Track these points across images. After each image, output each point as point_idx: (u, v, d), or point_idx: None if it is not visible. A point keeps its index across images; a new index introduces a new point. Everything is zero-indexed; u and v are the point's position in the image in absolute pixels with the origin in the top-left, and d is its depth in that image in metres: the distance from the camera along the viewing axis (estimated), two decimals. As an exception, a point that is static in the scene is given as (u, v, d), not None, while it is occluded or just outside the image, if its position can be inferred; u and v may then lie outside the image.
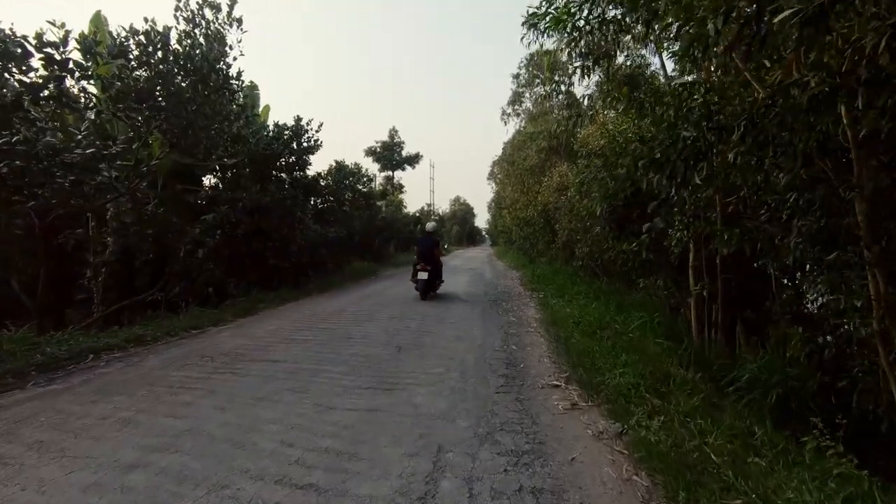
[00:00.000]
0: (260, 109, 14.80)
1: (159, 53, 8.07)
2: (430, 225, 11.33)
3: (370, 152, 33.49)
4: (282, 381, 4.36)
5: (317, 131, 12.25)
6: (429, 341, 6.06)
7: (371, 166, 34.60)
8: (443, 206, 70.94)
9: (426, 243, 10.44)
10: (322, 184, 17.04)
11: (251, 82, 14.74)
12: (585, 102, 12.23)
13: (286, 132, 11.69)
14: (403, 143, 34.15)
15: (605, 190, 7.97)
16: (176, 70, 8.43)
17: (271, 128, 12.01)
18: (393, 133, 33.52)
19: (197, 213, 10.79)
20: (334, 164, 18.43)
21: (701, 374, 4.66)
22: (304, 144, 12.04)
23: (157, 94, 8.23)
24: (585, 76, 7.60)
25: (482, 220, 75.06)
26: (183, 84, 8.71)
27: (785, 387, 4.43)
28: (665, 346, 5.39)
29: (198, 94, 9.05)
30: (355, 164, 20.99)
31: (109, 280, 9.33)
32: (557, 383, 4.43)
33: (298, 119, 11.98)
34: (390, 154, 33.41)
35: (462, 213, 70.79)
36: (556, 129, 21.54)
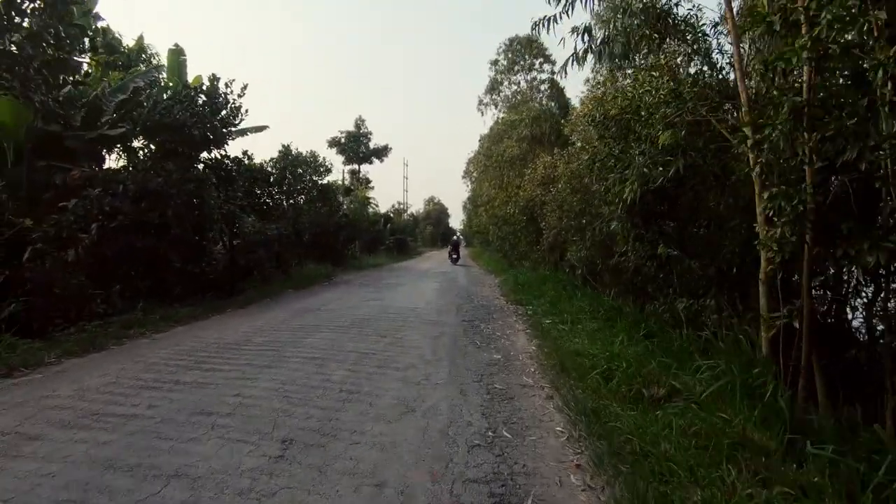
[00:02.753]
0: (190, 80, 11.79)
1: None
2: (455, 236, 22.00)
3: (334, 143, 30.37)
4: None
5: (239, 95, 9.42)
6: (349, 419, 3.38)
7: (335, 159, 31.65)
8: (417, 205, 68.21)
9: (455, 243, 23.92)
10: (261, 171, 14.17)
11: (176, 45, 11.77)
12: (589, 72, 9.80)
13: (195, 95, 8.79)
14: (371, 133, 31.23)
15: (637, 172, 5.44)
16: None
17: (175, 90, 9.09)
18: (359, 123, 30.57)
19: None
20: (281, 149, 15.53)
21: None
22: (222, 112, 9.17)
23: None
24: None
25: (457, 220, 72.64)
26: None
27: None
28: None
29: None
30: (311, 151, 18.13)
31: None
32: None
33: (213, 78, 9.11)
34: (356, 146, 30.39)
35: (436, 213, 68.11)
36: (541, 113, 19.24)
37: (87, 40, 8.35)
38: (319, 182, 19.05)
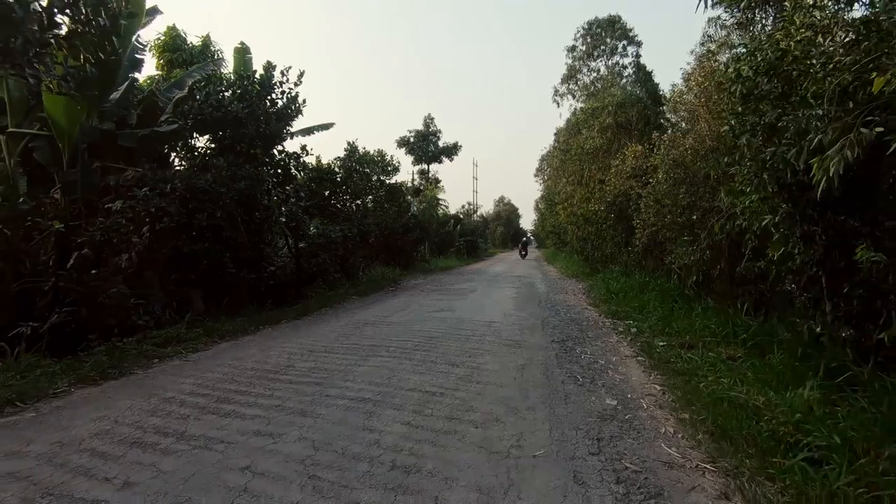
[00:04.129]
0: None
1: None
2: (525, 237, 40.43)
3: (403, 143, 29.69)
4: None
5: (296, 84, 8.55)
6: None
7: (404, 159, 31.02)
8: (487, 205, 66.75)
9: (525, 243, 36.03)
10: (326, 170, 13.50)
11: (241, 43, 11.32)
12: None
13: (250, 85, 8.02)
14: (440, 132, 30.18)
15: (831, 137, 3.69)
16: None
17: (229, 79, 8.38)
18: (428, 121, 29.65)
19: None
20: (347, 147, 14.81)
21: None
22: (279, 103, 8.35)
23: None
24: None
25: (528, 220, 70.31)
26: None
27: None
28: None
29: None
30: (378, 150, 17.37)
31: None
32: None
33: (268, 66, 8.30)
34: (425, 144, 29.49)
35: (507, 213, 66.32)
36: (627, 98, 17.15)
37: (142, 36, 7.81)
38: (387, 182, 18.28)
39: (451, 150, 30.45)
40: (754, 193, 4.81)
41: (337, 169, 14.89)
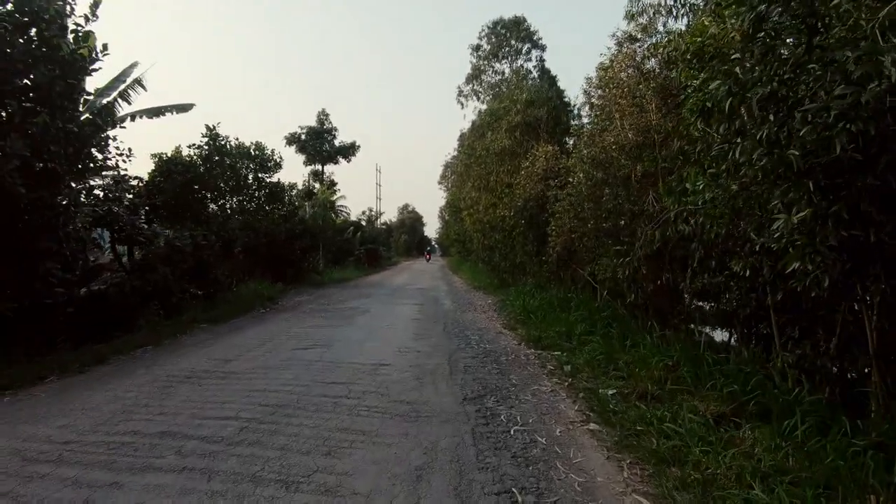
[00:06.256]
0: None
1: None
2: (429, 246, 54.76)
3: (293, 140, 26.25)
4: None
5: (88, 18, 5.76)
6: None
7: (294, 158, 27.65)
8: (391, 213, 64.49)
9: (429, 251, 49.58)
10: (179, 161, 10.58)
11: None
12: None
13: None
14: (336, 129, 27.32)
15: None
16: None
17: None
18: (322, 118, 26.67)
19: None
20: (206, 133, 11.84)
21: None
22: (64, 47, 5.51)
23: None
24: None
25: (432, 229, 69.35)
26: None
27: None
28: None
29: None
30: (255, 142, 14.46)
31: None
32: None
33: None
34: (319, 143, 26.47)
35: (411, 221, 64.65)
36: (536, 96, 16.10)
37: None
38: (266, 180, 15.39)
39: (349, 150, 27.72)
40: (761, 176, 3.24)
41: (199, 160, 11.87)
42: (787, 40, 3.05)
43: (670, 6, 8.33)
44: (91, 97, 6.95)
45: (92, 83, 8.05)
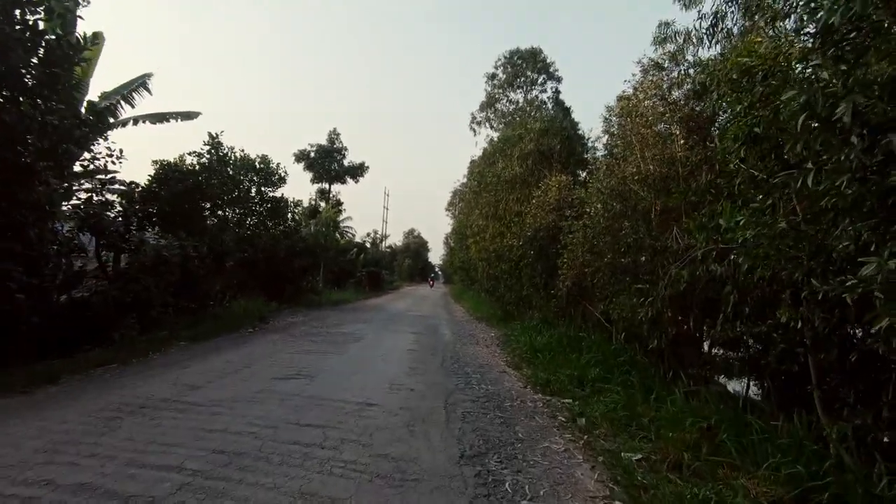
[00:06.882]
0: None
1: None
2: (433, 273, 60.15)
3: (301, 157, 26.11)
4: None
5: (79, 2, 5.35)
6: None
7: (302, 176, 27.36)
8: (397, 236, 64.61)
9: (433, 277, 54.02)
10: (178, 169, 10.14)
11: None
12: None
13: None
14: (346, 149, 27.15)
15: None
16: None
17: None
18: (333, 136, 26.54)
19: None
20: (207, 141, 11.45)
21: None
22: (51, 35, 5.08)
23: None
24: None
25: (436, 255, 69.01)
26: None
27: None
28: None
29: None
30: (261, 154, 14.12)
31: None
32: None
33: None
34: (328, 162, 26.24)
35: (416, 246, 64.35)
36: (550, 125, 15.73)
37: None
38: (269, 194, 14.97)
39: (357, 170, 27.46)
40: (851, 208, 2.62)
41: (199, 169, 11.44)
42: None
43: (702, 35, 7.95)
44: (94, 99, 6.48)
45: (99, 86, 7.71)
